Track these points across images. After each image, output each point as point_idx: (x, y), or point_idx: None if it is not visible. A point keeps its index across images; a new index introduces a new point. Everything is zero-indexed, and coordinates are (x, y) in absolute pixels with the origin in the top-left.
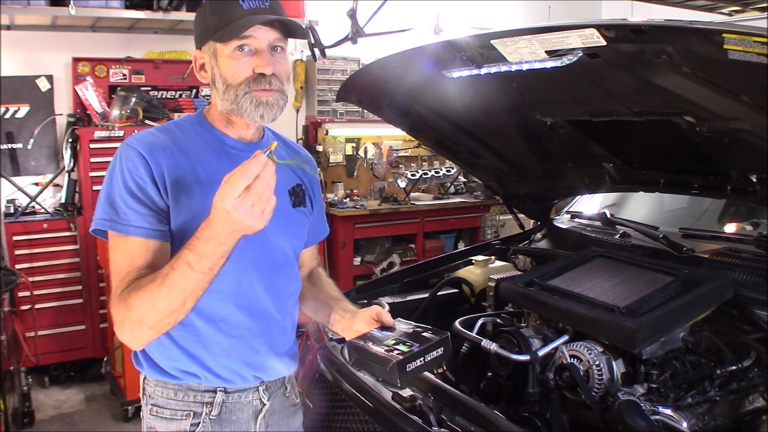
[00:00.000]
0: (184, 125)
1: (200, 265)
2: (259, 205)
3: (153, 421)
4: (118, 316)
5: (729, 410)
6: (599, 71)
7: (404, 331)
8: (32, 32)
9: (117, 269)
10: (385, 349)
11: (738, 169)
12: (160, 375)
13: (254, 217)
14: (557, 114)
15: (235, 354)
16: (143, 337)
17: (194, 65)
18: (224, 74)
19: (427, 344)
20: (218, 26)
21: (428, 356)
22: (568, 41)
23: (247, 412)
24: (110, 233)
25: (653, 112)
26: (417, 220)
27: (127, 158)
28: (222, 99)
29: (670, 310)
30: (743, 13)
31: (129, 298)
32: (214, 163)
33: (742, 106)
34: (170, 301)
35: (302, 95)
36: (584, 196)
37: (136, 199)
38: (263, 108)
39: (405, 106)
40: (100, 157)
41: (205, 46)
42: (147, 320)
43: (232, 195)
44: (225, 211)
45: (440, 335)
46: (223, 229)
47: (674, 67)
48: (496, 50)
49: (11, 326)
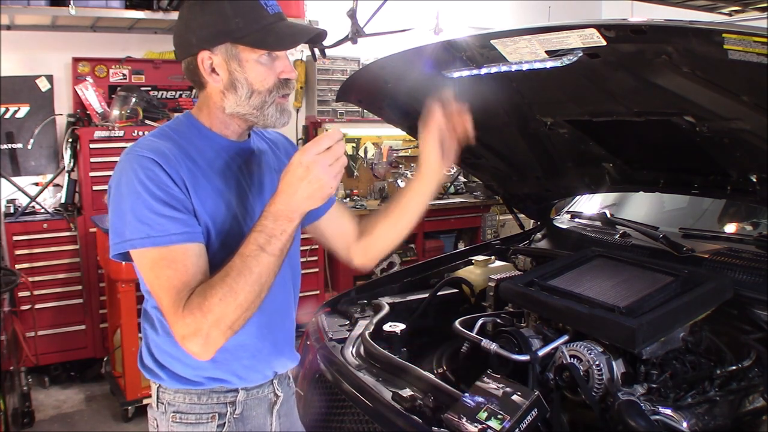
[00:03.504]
0: (180, 130)
1: (271, 246)
2: (335, 166)
3: (177, 427)
4: (190, 326)
5: (729, 410)
6: (599, 71)
7: (494, 395)
8: (32, 32)
9: (170, 283)
10: (478, 429)
11: (738, 169)
12: (183, 384)
13: (329, 176)
14: (557, 114)
15: (258, 353)
16: (219, 340)
17: (200, 67)
18: (251, 79)
19: (519, 413)
20: (248, 31)
21: (522, 424)
22: (568, 41)
23: (264, 407)
24: (145, 251)
25: (653, 112)
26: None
27: (143, 168)
28: (240, 104)
29: (670, 310)
30: (743, 13)
31: (205, 302)
32: (220, 165)
33: (742, 106)
34: (249, 292)
35: (302, 95)
36: (584, 196)
37: (166, 205)
38: (286, 115)
39: (405, 106)
40: (100, 157)
41: (221, 47)
42: (227, 319)
43: (315, 150)
44: (303, 165)
45: (530, 397)
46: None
47: (674, 67)
48: (496, 50)
49: (11, 326)
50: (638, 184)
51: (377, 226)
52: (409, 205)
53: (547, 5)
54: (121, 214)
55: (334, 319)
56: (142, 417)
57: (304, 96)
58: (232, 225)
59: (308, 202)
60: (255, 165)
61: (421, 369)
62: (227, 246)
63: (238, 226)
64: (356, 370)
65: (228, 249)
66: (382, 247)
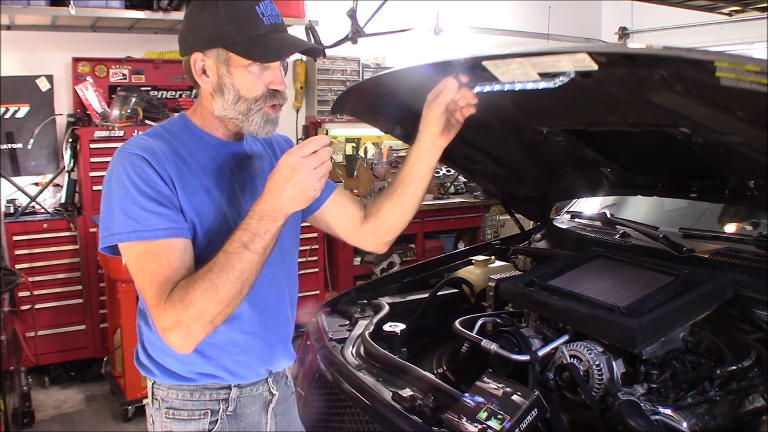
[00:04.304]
0: (172, 130)
1: (255, 244)
2: (320, 169)
3: (170, 424)
4: (171, 319)
5: (729, 410)
6: (593, 87)
7: (494, 395)
8: (32, 32)
9: (154, 277)
10: (478, 428)
11: (735, 175)
12: (175, 380)
13: (314, 178)
14: (553, 123)
15: (250, 350)
16: (200, 334)
17: (192, 67)
18: (238, 86)
19: (519, 413)
20: (239, 39)
21: (522, 424)
22: (560, 64)
23: (259, 405)
24: (131, 245)
25: (648, 123)
26: (417, 220)
27: (132, 164)
28: (227, 108)
29: (670, 310)
30: (743, 13)
31: (187, 295)
32: (211, 164)
33: (738, 122)
34: (230, 288)
35: (302, 95)
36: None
37: (153, 201)
38: (271, 125)
39: (399, 117)
40: (100, 157)
41: (212, 51)
42: (207, 313)
43: (301, 153)
44: (290, 167)
45: (530, 397)
46: (279, 195)
47: (668, 86)
48: (488, 71)
49: (11, 326)
50: (636, 188)
51: (382, 206)
52: (410, 180)
53: (547, 5)
54: (110, 209)
55: (334, 319)
56: (142, 417)
57: (304, 96)
58: (220, 223)
59: (292, 203)
60: (247, 166)
61: (421, 369)
62: (215, 243)
63: (226, 225)
64: (356, 370)
65: (215, 246)
66: (389, 227)
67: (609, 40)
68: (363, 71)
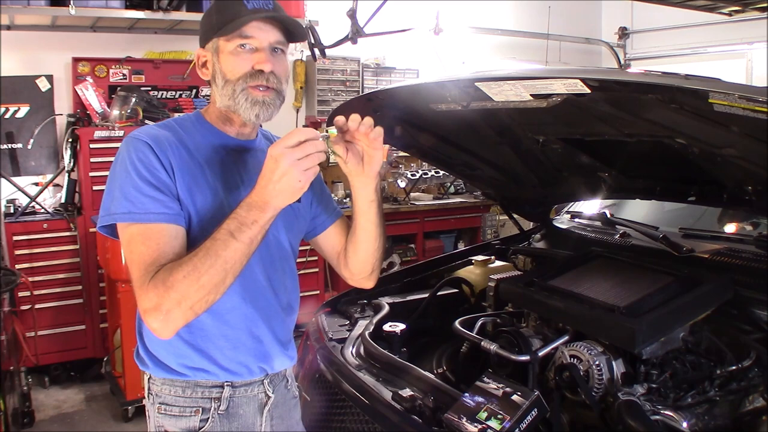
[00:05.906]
0: (183, 123)
1: (241, 234)
2: (304, 162)
3: (162, 419)
4: (152, 300)
5: (729, 410)
6: (586, 104)
7: (494, 395)
8: (32, 32)
9: (141, 258)
10: (478, 428)
11: (733, 181)
12: (167, 373)
13: (297, 169)
14: (549, 133)
15: (240, 345)
16: (179, 319)
17: (197, 63)
18: (224, 69)
19: (519, 413)
20: (221, 24)
21: (522, 424)
22: (553, 87)
23: (253, 406)
24: (125, 226)
25: (644, 134)
26: (417, 220)
27: (136, 150)
28: (220, 95)
29: (670, 310)
30: (743, 13)
31: (170, 278)
32: (216, 159)
33: (733, 136)
34: (213, 274)
35: (302, 95)
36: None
37: (151, 186)
38: (259, 107)
39: (394, 128)
40: (100, 157)
41: (209, 44)
42: (189, 298)
43: (283, 144)
44: (273, 158)
45: (530, 397)
46: (266, 186)
47: (662, 104)
48: (481, 91)
49: (11, 326)
50: (634, 192)
51: (347, 247)
52: (357, 217)
53: (547, 5)
54: (110, 191)
55: (334, 319)
56: (142, 417)
57: (304, 96)
58: (216, 215)
59: (280, 196)
60: (254, 163)
61: (421, 369)
62: (209, 234)
63: (223, 217)
64: (356, 370)
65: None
66: (359, 264)
67: (609, 40)
68: (363, 71)
